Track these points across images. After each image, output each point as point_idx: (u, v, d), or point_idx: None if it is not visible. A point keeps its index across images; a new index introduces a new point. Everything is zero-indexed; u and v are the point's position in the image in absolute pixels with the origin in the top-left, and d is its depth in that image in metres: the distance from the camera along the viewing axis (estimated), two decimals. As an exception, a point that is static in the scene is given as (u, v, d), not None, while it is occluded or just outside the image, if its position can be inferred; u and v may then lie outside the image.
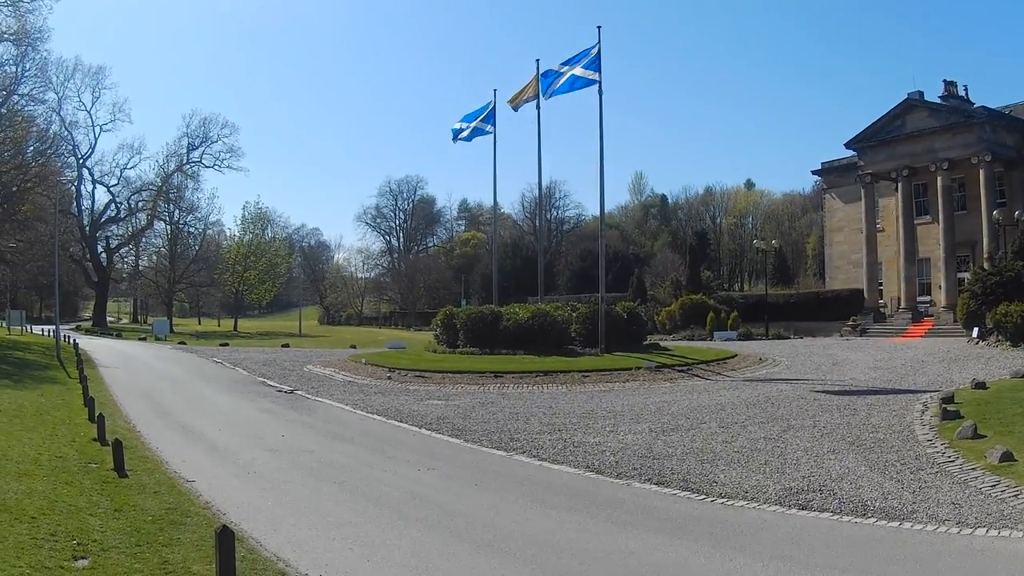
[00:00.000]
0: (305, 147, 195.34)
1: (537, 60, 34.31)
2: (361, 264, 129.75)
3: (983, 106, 46.51)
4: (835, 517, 9.25)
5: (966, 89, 50.68)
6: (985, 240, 43.61)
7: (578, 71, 31.40)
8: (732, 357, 29.47)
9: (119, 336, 61.44)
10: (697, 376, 24.45)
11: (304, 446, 13.95)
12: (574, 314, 31.70)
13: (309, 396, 21.62)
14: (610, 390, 21.47)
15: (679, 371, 25.33)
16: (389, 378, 25.25)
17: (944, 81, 50.03)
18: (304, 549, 7.82)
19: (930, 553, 7.98)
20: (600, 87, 30.97)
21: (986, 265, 37.72)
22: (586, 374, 24.03)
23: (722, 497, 10.04)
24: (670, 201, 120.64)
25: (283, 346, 48.95)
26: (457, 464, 12.26)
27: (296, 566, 7.28)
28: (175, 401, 20.41)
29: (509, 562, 7.38)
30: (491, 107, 38.22)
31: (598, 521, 8.87)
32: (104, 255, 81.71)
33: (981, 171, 44.49)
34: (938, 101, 48.44)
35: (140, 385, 23.89)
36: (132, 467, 11.20)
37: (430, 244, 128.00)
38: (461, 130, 39.53)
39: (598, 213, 39.20)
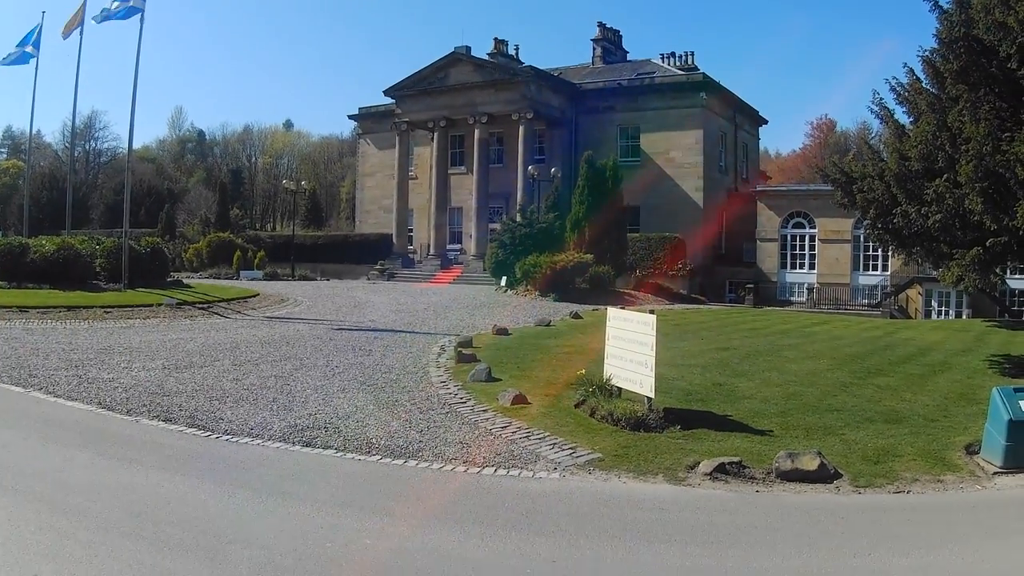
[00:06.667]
0: None
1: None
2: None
3: (531, 66, 47.91)
4: (339, 454, 9.17)
5: (517, 49, 52.47)
6: (520, 193, 44.23)
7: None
8: (254, 296, 29.85)
9: None
10: (217, 314, 24.46)
11: None
12: (99, 248, 30.03)
13: None
14: (131, 326, 20.76)
15: (200, 308, 25.20)
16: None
17: (495, 39, 51.67)
18: None
19: (433, 489, 8.09)
20: (142, 15, 28.84)
21: (518, 217, 38.83)
22: (108, 309, 22.99)
23: (227, 434, 10.01)
24: (208, 137, 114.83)
25: None
26: (-23, 403, 11.36)
27: None
28: None
29: (19, 500, 7.29)
30: (38, 30, 34.20)
31: (106, 458, 8.87)
32: None
33: (521, 127, 45.18)
34: (485, 58, 49.01)
35: None
36: None
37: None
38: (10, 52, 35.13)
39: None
